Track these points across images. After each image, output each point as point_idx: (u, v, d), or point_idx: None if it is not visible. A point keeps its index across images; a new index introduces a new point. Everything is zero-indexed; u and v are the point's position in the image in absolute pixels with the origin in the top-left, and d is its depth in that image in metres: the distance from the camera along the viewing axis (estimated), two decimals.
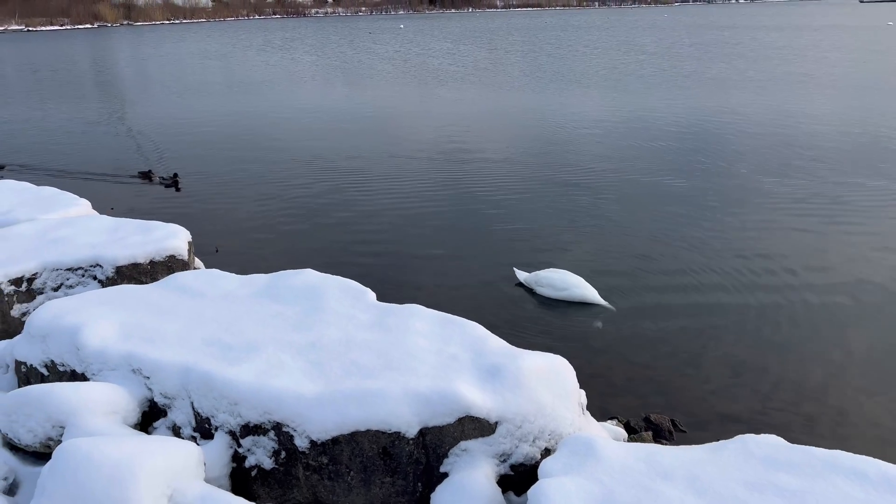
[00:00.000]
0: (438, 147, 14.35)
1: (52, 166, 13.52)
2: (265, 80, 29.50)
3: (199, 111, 20.61)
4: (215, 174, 12.50)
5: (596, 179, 11.41)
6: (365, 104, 21.27)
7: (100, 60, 44.67)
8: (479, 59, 36.54)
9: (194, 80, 30.35)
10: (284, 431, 3.56)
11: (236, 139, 15.96)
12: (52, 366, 4.22)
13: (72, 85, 30.15)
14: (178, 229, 6.07)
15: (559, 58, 35.61)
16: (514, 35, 59.16)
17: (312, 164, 13.12)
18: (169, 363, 3.94)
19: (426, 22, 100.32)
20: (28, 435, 3.68)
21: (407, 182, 11.60)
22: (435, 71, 30.89)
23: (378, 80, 28.22)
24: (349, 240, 8.92)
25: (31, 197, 7.27)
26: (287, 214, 10.08)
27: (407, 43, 52.46)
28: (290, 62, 38.33)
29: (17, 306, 5.25)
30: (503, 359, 3.76)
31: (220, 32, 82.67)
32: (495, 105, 20.29)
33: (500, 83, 25.60)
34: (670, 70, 27.80)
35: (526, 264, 7.55)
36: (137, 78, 32.95)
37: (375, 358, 3.89)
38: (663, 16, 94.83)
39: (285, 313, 4.54)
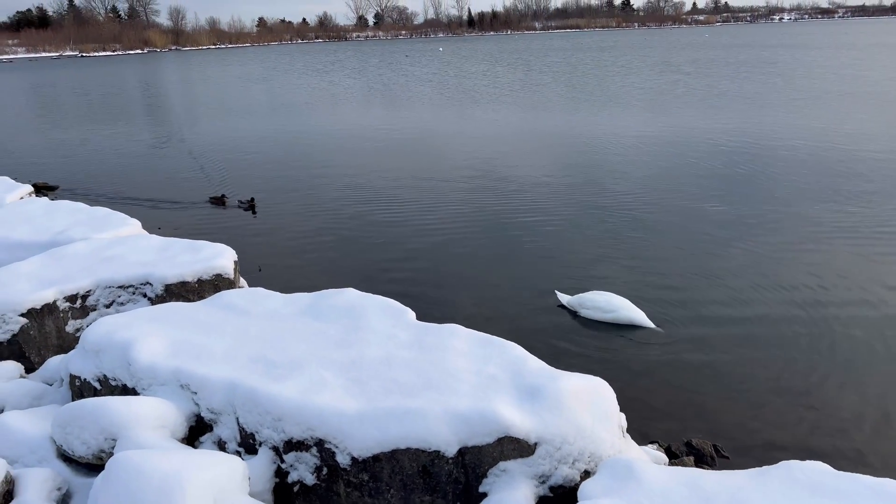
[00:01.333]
0: (476, 168, 14.45)
1: (104, 187, 13.99)
2: (306, 102, 30.11)
3: (240, 133, 21.12)
4: (257, 195, 12.78)
5: (633, 201, 11.34)
6: (403, 126, 21.55)
7: (149, 84, 46.17)
8: (515, 80, 36.73)
9: (238, 102, 31.13)
10: (326, 448, 3.63)
11: (278, 160, 16.30)
12: (104, 380, 4.37)
13: (121, 108, 31.21)
14: (224, 249, 6.24)
15: (596, 78, 35.58)
16: (551, 56, 59.33)
17: (351, 184, 13.34)
18: (215, 379, 4.05)
19: (464, 44, 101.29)
20: (82, 447, 3.81)
21: (445, 202, 11.70)
22: (471, 92, 31.14)
23: (416, 101, 28.57)
24: (389, 259, 9.02)
25: (85, 217, 7.55)
26: (327, 234, 10.25)
27: (445, 65, 53.01)
28: (331, 85, 39.07)
29: (72, 322, 5.45)
30: (543, 380, 3.77)
31: (263, 56, 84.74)
32: (532, 126, 20.36)
33: (536, 104, 25.68)
34: (709, 89, 27.54)
35: (565, 287, 7.54)
36: (184, 101, 33.96)
37: (415, 377, 3.94)
38: (704, 36, 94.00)
39: (327, 331, 4.63)
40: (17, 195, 9.49)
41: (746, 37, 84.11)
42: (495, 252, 9.12)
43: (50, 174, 15.40)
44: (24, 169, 15.87)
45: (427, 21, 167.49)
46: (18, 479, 3.63)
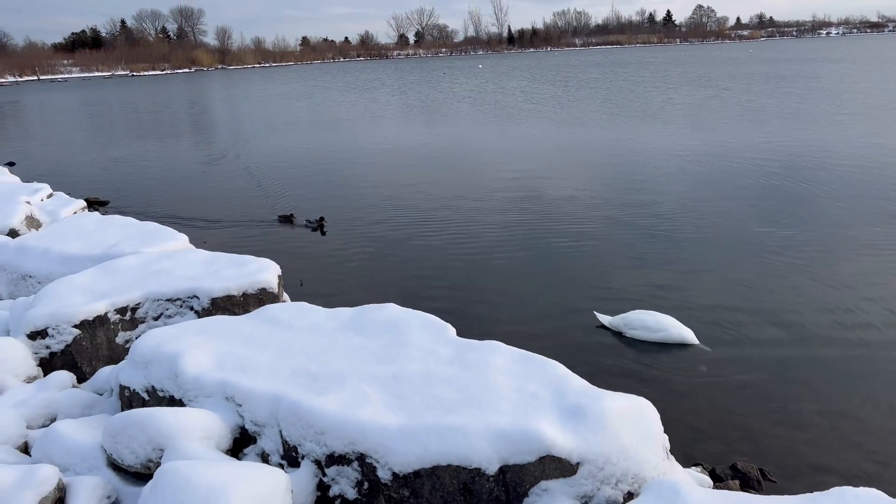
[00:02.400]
0: (515, 184, 14.45)
1: (152, 202, 14.39)
2: (346, 119, 30.54)
3: (280, 150, 21.49)
4: (297, 210, 12.97)
5: (673, 219, 11.19)
6: (442, 142, 21.68)
7: (196, 102, 47.42)
8: (553, 96, 36.69)
9: (281, 119, 31.74)
10: (368, 462, 3.65)
11: (317, 176, 16.55)
12: (152, 391, 4.48)
13: (169, 125, 32.10)
14: (269, 263, 6.35)
15: (635, 94, 35.31)
16: (590, 71, 59.13)
17: (390, 200, 13.45)
18: (260, 392, 4.12)
19: (504, 61, 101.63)
20: (130, 456, 3.91)
21: (484, 219, 11.72)
22: (509, 108, 31.20)
23: (454, 118, 28.74)
24: (428, 275, 9.06)
25: (135, 231, 7.77)
26: (366, 249, 10.36)
27: (484, 82, 53.26)
28: (371, 102, 39.57)
29: (122, 334, 5.60)
30: (585, 399, 3.74)
31: (306, 74, 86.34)
32: (570, 142, 20.29)
33: (574, 120, 25.59)
34: (749, 105, 27.08)
35: (605, 306, 7.45)
36: (228, 118, 34.77)
37: (456, 393, 3.95)
38: (748, 51, 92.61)
39: (369, 346, 4.67)
40: (71, 210, 9.83)
41: (791, 52, 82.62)
42: (534, 270, 9.09)
43: (101, 189, 15.90)
44: (77, 184, 16.42)
45: (467, 39, 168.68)
46: (70, 486, 3.73)
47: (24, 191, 10.19)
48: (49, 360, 5.40)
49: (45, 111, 45.83)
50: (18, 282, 7.21)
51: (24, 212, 9.10)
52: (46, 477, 3.58)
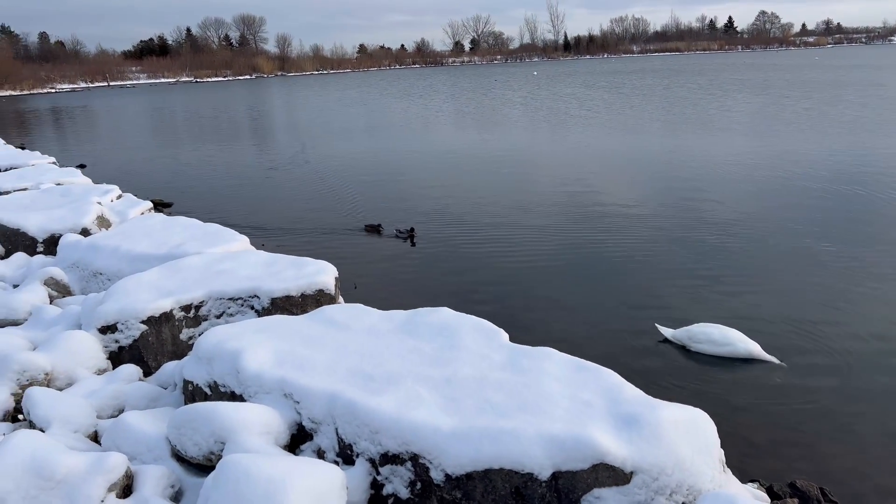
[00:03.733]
0: (569, 191, 14.37)
1: (213, 204, 14.85)
2: (402, 125, 30.86)
3: (338, 154, 21.85)
4: (353, 214, 13.18)
5: (732, 231, 10.93)
6: (495, 147, 21.70)
7: (256, 107, 48.66)
8: (609, 102, 36.27)
9: (339, 125, 32.28)
10: (421, 463, 3.70)
11: (372, 182, 16.77)
12: (214, 386, 4.64)
13: (230, 130, 33.02)
14: (326, 266, 6.49)
15: (691, 101, 34.60)
16: (647, 78, 58.22)
17: (443, 205, 13.54)
18: (317, 390, 4.22)
19: (559, 68, 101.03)
20: (193, 448, 4.06)
21: (537, 225, 11.69)
22: (563, 115, 31.00)
23: (507, 124, 28.72)
24: (481, 280, 9.09)
25: (198, 232, 8.05)
26: (419, 253, 10.45)
27: (538, 89, 53.06)
28: (425, 109, 39.88)
29: (185, 330, 5.81)
30: (640, 408, 3.71)
31: (363, 81, 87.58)
32: (625, 149, 20.04)
33: (629, 127, 25.26)
34: (812, 112, 26.24)
35: (664, 318, 7.30)
36: (285, 123, 35.56)
37: (509, 398, 3.97)
38: (813, 58, 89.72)
39: (422, 349, 4.73)
40: (138, 210, 10.23)
41: (858, 59, 79.63)
42: (588, 278, 9.03)
43: (166, 191, 16.46)
44: (143, 186, 17.03)
45: (522, 46, 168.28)
46: (137, 474, 3.90)
47: (95, 192, 10.66)
48: (118, 353, 5.64)
49: (113, 116, 47.74)
50: (90, 278, 7.55)
51: (95, 212, 9.52)
52: (116, 464, 3.75)
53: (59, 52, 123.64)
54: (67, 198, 10.37)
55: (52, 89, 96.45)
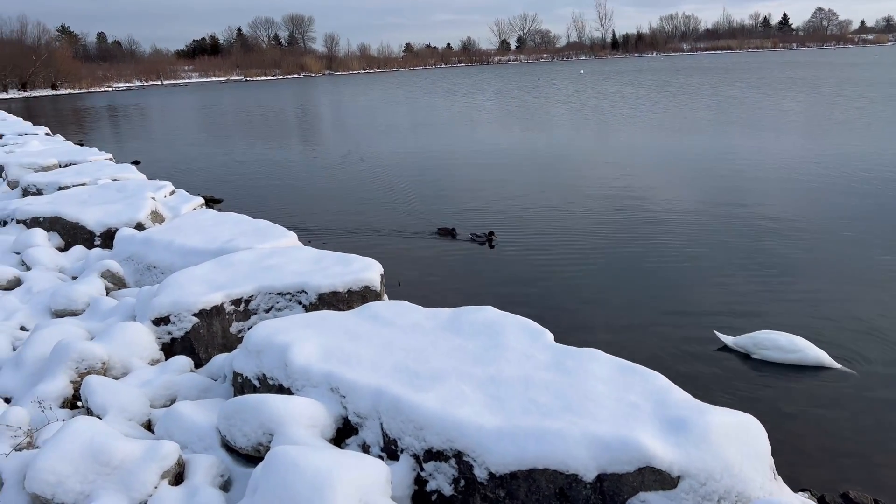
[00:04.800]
0: (617, 191, 14.20)
1: (262, 200, 15.13)
2: (448, 123, 30.92)
3: (384, 152, 22.01)
4: (398, 211, 13.27)
5: (786, 234, 10.64)
6: (541, 147, 21.58)
7: (304, 105, 49.37)
8: (657, 101, 35.67)
9: (387, 123, 32.54)
10: (465, 460, 3.72)
11: (414, 179, 16.85)
12: (263, 378, 4.73)
13: (278, 128, 33.58)
14: (372, 262, 6.56)
15: (742, 99, 33.78)
16: (696, 76, 57.05)
17: (485, 203, 13.53)
18: (363, 385, 4.27)
19: (607, 66, 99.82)
20: (242, 438, 4.15)
21: (583, 225, 11.59)
22: (610, 114, 30.61)
23: (553, 123, 28.51)
24: (525, 280, 9.06)
25: (248, 228, 8.21)
26: (462, 252, 10.46)
27: (585, 88, 52.53)
28: (471, 107, 39.88)
29: (235, 324, 5.94)
30: (688, 412, 3.66)
31: (408, 80, 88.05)
32: (675, 148, 19.69)
33: (678, 125, 24.80)
34: (863, 112, 25.34)
35: (719, 323, 7.14)
36: (337, 121, 35.99)
37: (554, 398, 3.95)
38: (873, 56, 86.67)
39: (466, 347, 4.75)
40: (190, 206, 10.49)
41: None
42: (635, 280, 8.90)
43: (216, 188, 16.85)
44: (194, 182, 17.45)
45: (569, 44, 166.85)
46: (189, 462, 4.01)
47: (149, 187, 10.97)
48: (170, 345, 5.80)
49: (166, 114, 49.04)
50: (144, 271, 7.78)
51: (149, 207, 9.80)
52: (169, 452, 3.86)
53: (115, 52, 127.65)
54: (123, 193, 10.70)
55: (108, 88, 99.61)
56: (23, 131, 24.95)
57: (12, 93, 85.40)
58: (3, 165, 14.99)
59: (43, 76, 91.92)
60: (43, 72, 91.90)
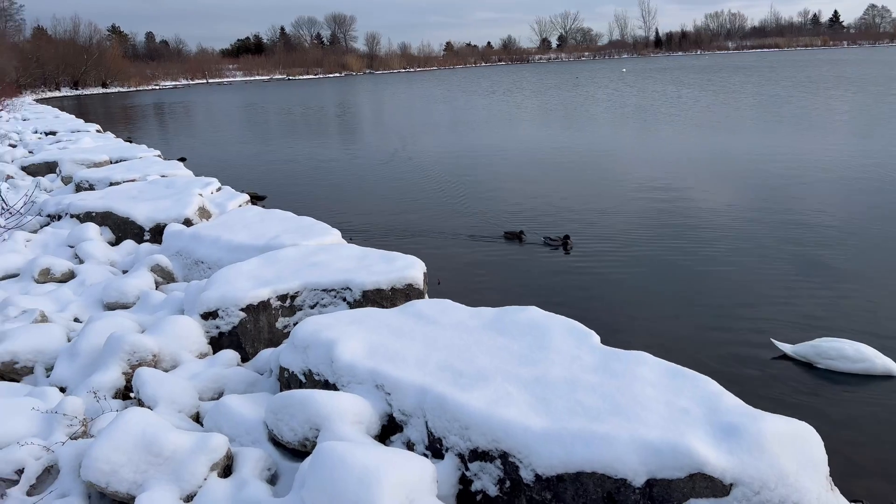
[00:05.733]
0: (663, 192, 13.97)
1: (305, 197, 15.30)
2: (491, 121, 30.85)
3: (428, 151, 22.06)
4: (438, 210, 13.27)
5: (842, 239, 10.31)
6: (583, 146, 21.37)
7: (346, 103, 49.81)
8: (698, 100, 35.01)
9: (423, 120, 32.62)
10: (510, 461, 3.70)
11: (453, 178, 16.84)
12: (309, 374, 4.78)
13: (320, 125, 33.94)
14: (415, 261, 6.57)
15: (790, 98, 32.91)
16: (741, 75, 55.82)
17: (526, 202, 13.44)
18: (408, 383, 4.28)
19: (650, 65, 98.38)
20: (290, 433, 4.20)
21: (628, 226, 11.43)
22: (656, 114, 30.15)
23: (595, 123, 28.21)
24: (569, 280, 8.97)
25: (293, 225, 8.31)
26: (502, 251, 10.41)
27: (626, 87, 51.85)
28: (511, 106, 39.72)
29: (281, 319, 6.02)
30: (741, 418, 3.57)
31: (447, 79, 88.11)
32: (724, 148, 19.28)
33: (726, 125, 24.28)
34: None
35: (774, 330, 6.94)
36: (379, 120, 36.22)
37: (601, 401, 3.90)
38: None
39: (511, 347, 4.72)
40: (236, 203, 10.67)
41: None
42: (684, 283, 8.74)
43: (260, 184, 17.09)
44: (238, 179, 17.73)
45: (611, 42, 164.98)
46: (237, 455, 4.07)
47: (197, 184, 11.18)
48: (218, 339, 5.90)
49: (210, 111, 49.98)
50: (192, 266, 7.93)
51: (197, 203, 9.99)
52: (218, 445, 3.92)
53: (163, 51, 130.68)
54: (171, 189, 10.93)
55: (156, 86, 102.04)
56: (75, 128, 25.71)
57: (65, 91, 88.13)
58: (58, 162, 15.46)
59: (94, 75, 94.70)
60: (94, 70, 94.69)
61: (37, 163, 16.04)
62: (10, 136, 23.64)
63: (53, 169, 15.66)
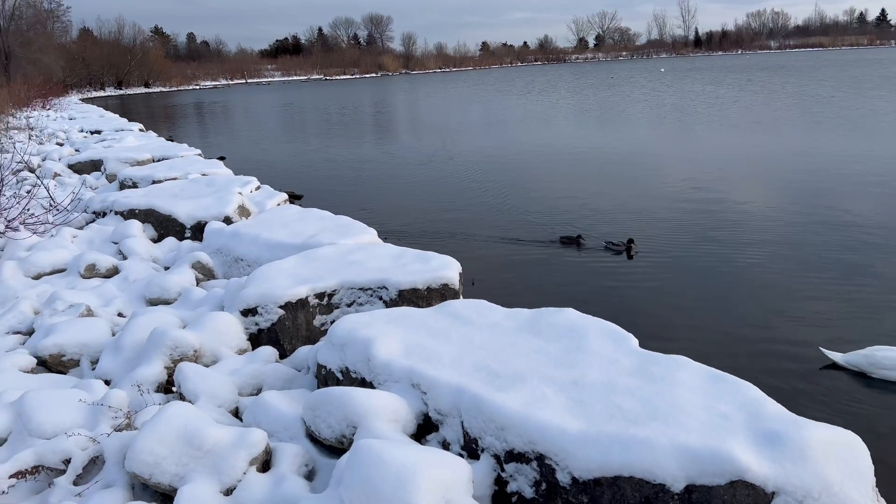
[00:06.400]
0: (703, 192, 13.75)
1: (341, 197, 15.45)
2: (523, 121, 30.73)
3: (452, 151, 22.07)
4: (471, 210, 13.27)
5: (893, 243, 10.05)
6: (621, 147, 21.15)
7: (385, 104, 50.11)
8: (737, 100, 34.35)
9: (458, 121, 32.63)
10: (546, 463, 3.68)
11: (487, 178, 16.81)
12: (346, 371, 4.82)
13: (356, 125, 34.20)
14: (451, 261, 6.58)
15: (835, 100, 32.09)
16: (783, 75, 54.63)
17: (560, 201, 13.35)
18: (444, 382, 4.29)
19: (689, 64, 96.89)
20: (327, 430, 4.24)
21: (665, 228, 11.28)
22: (696, 114, 29.68)
23: (634, 123, 27.90)
24: (605, 283, 8.90)
25: (330, 224, 8.39)
26: (534, 251, 10.36)
27: (664, 87, 51.15)
28: (546, 105, 39.50)
29: (318, 317, 6.09)
30: (784, 425, 3.50)
31: (483, 79, 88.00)
32: (769, 150, 18.90)
33: (775, 127, 23.80)
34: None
35: (822, 337, 6.77)
36: (413, 119, 36.36)
37: (639, 405, 3.86)
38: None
39: (547, 349, 4.69)
40: (275, 202, 10.81)
41: None
42: (724, 287, 8.59)
43: (296, 183, 17.30)
44: (276, 178, 17.97)
45: (650, 42, 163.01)
46: (275, 451, 4.13)
47: (236, 183, 11.36)
48: (257, 335, 5.99)
49: (249, 111, 50.73)
50: (231, 264, 8.07)
51: (237, 202, 10.15)
52: (257, 440, 3.98)
53: (203, 52, 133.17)
54: (212, 188, 11.12)
55: (196, 86, 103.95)
56: (119, 127, 26.33)
57: (109, 90, 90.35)
58: (103, 160, 15.86)
59: (137, 74, 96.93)
60: (137, 70, 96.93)
61: (83, 161, 16.47)
62: (58, 135, 24.31)
63: (98, 167, 16.06)
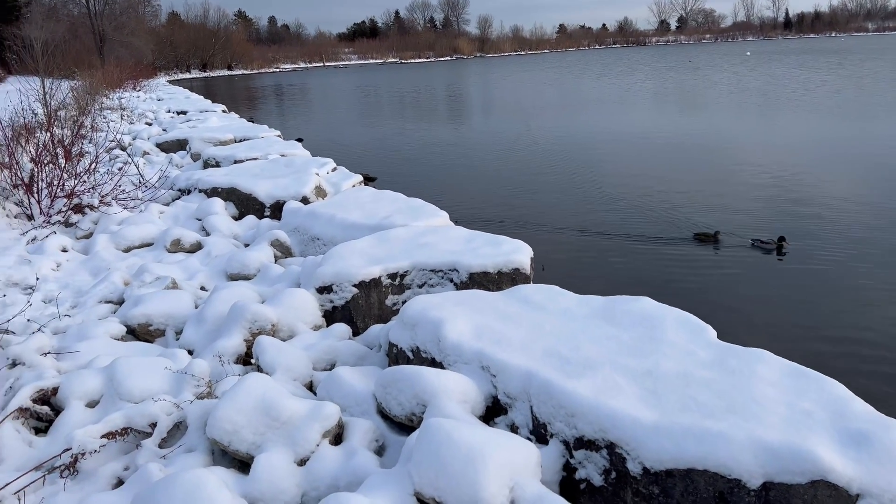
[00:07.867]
0: (786, 181, 13.18)
1: (413, 179, 15.58)
2: (600, 104, 30.12)
3: (527, 135, 21.84)
4: (545, 195, 13.13)
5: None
6: (703, 134, 20.46)
7: (460, 87, 50.07)
8: (826, 83, 32.55)
9: (530, 103, 32.27)
10: (617, 452, 3.64)
11: (562, 161, 16.57)
12: (416, 351, 4.88)
13: (430, 109, 34.32)
14: (523, 245, 6.54)
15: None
16: (870, 62, 51.39)
17: (639, 190, 13.04)
18: (514, 366, 4.29)
19: (777, 47, 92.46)
20: (397, 407, 4.32)
21: (750, 217, 10.87)
22: (780, 100, 28.35)
23: (714, 108, 26.90)
24: (682, 273, 8.67)
25: (403, 206, 8.47)
26: (612, 237, 10.18)
27: (748, 70, 49.03)
28: (623, 90, 38.55)
29: (391, 297, 6.18)
30: (871, 425, 3.34)
31: (560, 61, 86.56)
32: (860, 142, 17.91)
33: (869, 115, 22.50)
34: None
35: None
36: (482, 102, 36.21)
37: (716, 398, 3.76)
38: None
39: (620, 337, 4.61)
40: (350, 183, 10.99)
41: None
42: (811, 282, 8.24)
43: (371, 165, 17.54)
44: (351, 159, 18.26)
45: (735, 24, 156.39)
46: (348, 425, 4.23)
47: (314, 164, 11.60)
48: (331, 312, 6.13)
49: (326, 94, 51.65)
50: (308, 242, 8.27)
51: (314, 182, 10.37)
52: (331, 413, 4.09)
53: (284, 35, 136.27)
54: (290, 168, 11.40)
55: (276, 69, 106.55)
56: (203, 108, 27.29)
57: (194, 73, 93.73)
58: (188, 139, 16.49)
59: (220, 57, 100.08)
60: (221, 53, 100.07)
61: (169, 140, 17.18)
62: (147, 115, 25.42)
63: (184, 146, 16.71)
